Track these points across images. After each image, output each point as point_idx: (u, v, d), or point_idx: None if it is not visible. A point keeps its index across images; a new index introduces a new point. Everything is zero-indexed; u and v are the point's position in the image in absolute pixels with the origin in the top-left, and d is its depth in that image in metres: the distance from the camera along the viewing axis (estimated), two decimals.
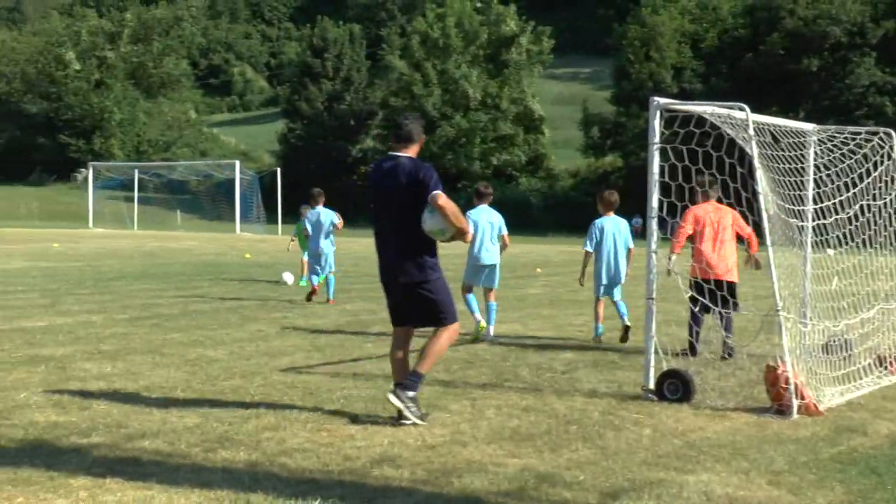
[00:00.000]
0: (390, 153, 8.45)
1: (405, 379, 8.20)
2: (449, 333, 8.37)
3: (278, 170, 61.86)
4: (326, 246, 18.19)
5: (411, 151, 8.33)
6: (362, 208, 69.03)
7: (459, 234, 8.20)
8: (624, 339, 12.80)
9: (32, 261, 28.66)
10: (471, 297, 13.42)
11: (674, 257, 11.52)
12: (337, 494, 6.13)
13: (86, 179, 69.38)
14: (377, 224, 8.43)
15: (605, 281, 13.10)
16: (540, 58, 76.79)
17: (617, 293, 13.23)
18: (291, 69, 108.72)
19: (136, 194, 61.92)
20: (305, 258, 20.06)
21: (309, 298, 18.01)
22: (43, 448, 7.25)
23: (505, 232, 13.58)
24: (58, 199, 76.85)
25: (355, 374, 10.57)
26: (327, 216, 18.31)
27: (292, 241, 23.89)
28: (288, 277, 22.00)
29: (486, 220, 13.38)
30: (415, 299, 8.26)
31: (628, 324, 12.86)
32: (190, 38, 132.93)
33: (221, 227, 60.20)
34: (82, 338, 13.01)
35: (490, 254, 13.40)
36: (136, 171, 64.33)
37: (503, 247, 13.68)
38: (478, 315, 13.27)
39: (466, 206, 13.53)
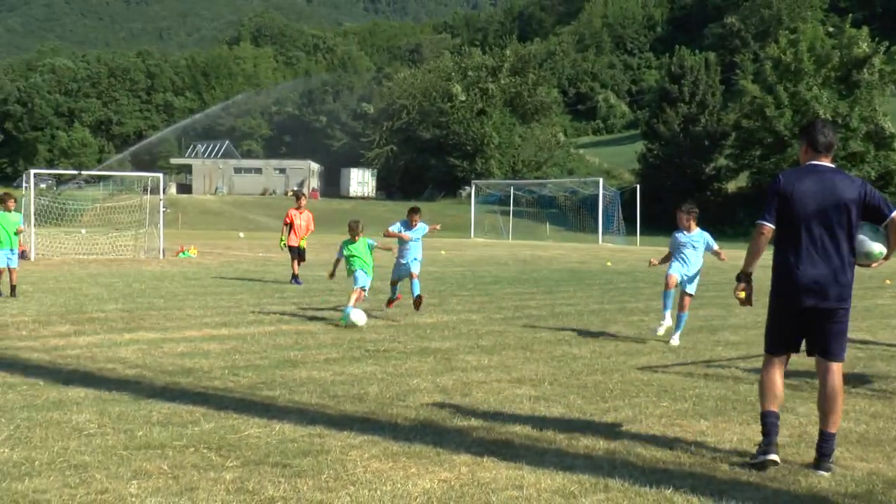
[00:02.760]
0: (811, 163, 6.79)
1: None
2: (841, 372, 6.73)
3: (637, 186, 61.66)
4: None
5: (828, 161, 6.79)
6: (714, 221, 67.97)
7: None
8: None
9: (424, 266, 30.03)
10: None
11: None
12: (688, 485, 6.01)
13: (469, 195, 72.06)
14: (794, 236, 6.59)
15: None
16: (893, 77, 72.19)
17: None
18: (651, 95, 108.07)
19: (511, 208, 63.58)
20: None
21: None
22: (430, 427, 7.56)
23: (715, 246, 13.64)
24: (445, 212, 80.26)
25: (706, 374, 10.33)
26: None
27: None
28: None
29: None
30: (829, 324, 6.62)
31: None
32: (561, 70, 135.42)
33: (585, 238, 60.65)
34: (464, 333, 13.47)
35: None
36: (512, 188, 66.13)
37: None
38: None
39: None
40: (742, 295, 6.79)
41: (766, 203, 6.71)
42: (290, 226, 22.06)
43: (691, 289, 13.34)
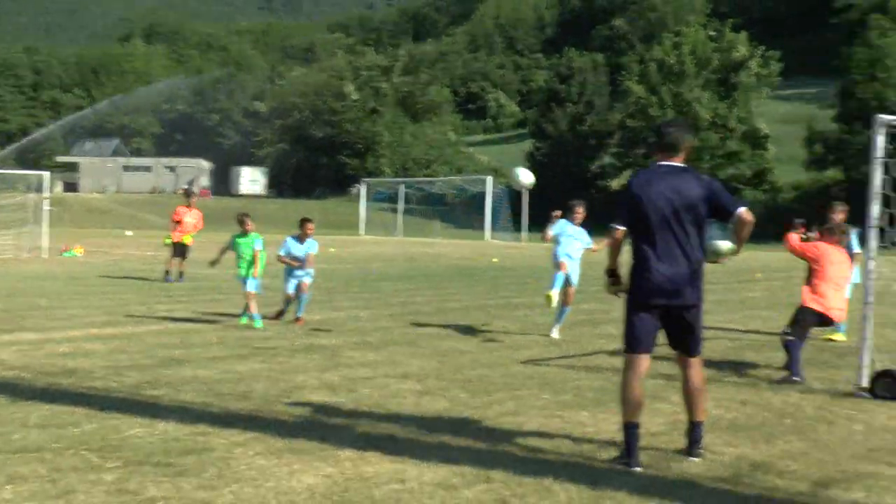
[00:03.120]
0: (658, 163, 6.81)
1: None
2: (701, 365, 6.92)
3: None
4: None
5: (678, 160, 6.76)
6: (599, 218, 68.84)
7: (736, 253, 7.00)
8: None
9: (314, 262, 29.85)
10: None
11: None
12: (567, 474, 6.09)
13: (359, 193, 71.85)
14: (647, 237, 6.61)
15: None
16: (768, 80, 74.61)
17: None
18: (539, 95, 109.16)
19: (400, 206, 63.69)
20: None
21: None
22: (315, 423, 7.52)
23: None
24: (336, 210, 79.94)
25: (587, 367, 10.51)
26: None
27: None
28: None
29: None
30: (684, 322, 6.71)
31: None
32: (453, 70, 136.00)
33: (473, 235, 61.03)
34: (351, 330, 13.44)
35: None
36: (402, 186, 66.17)
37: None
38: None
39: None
40: (612, 288, 6.95)
41: (618, 207, 6.79)
42: (179, 223, 21.72)
43: (575, 280, 13.35)
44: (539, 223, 55.50)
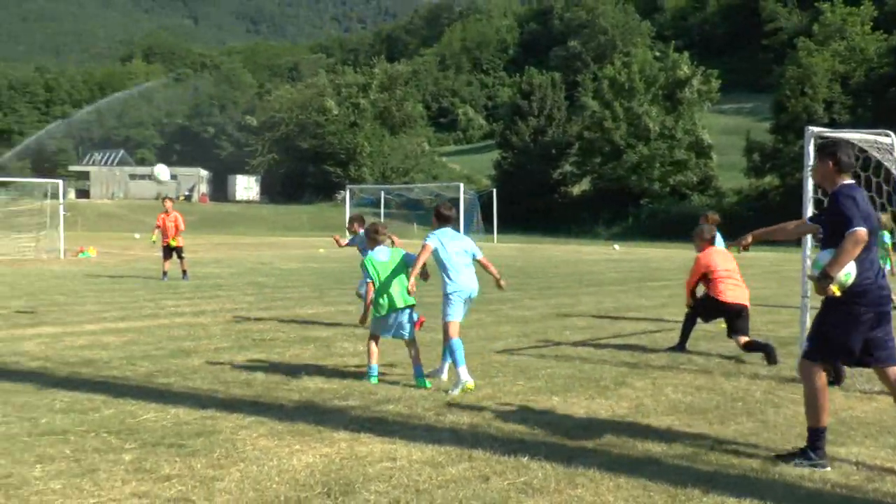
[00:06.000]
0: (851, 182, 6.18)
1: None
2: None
3: (494, 190, 62.38)
4: None
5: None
6: (561, 221, 69.17)
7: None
8: None
9: (304, 262, 29.80)
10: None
11: None
12: (542, 453, 6.12)
13: (344, 199, 71.61)
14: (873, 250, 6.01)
15: None
16: (709, 96, 74.84)
17: None
18: (504, 109, 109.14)
19: (382, 210, 63.40)
20: None
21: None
22: (312, 408, 7.52)
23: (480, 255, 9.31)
24: (323, 214, 79.69)
25: (557, 356, 10.53)
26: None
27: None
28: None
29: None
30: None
31: None
32: (425, 87, 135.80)
33: None
34: (342, 323, 13.41)
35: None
36: (383, 192, 65.92)
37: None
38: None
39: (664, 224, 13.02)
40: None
41: (852, 209, 5.89)
42: (160, 227, 21.79)
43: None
44: (508, 225, 55.00)
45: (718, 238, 11.83)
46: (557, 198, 76.58)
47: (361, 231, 11.73)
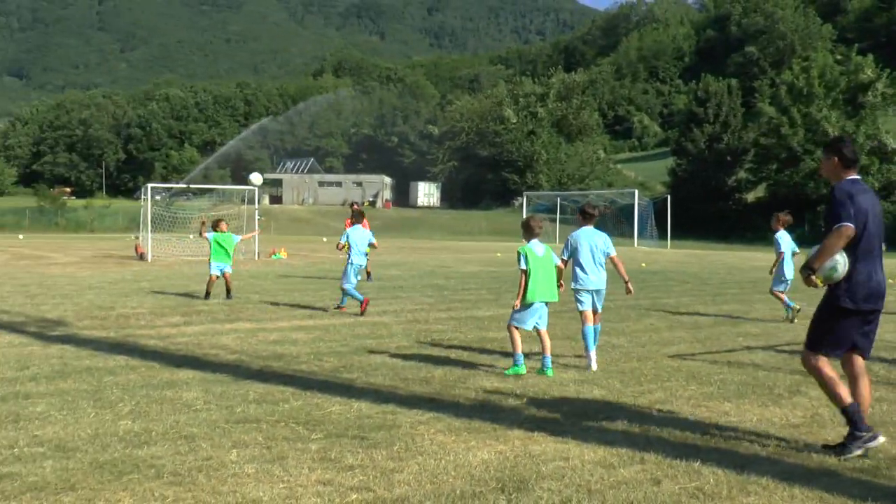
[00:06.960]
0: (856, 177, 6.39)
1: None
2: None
3: (668, 196, 61.01)
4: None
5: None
6: (735, 227, 66.91)
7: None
8: None
9: (482, 266, 30.05)
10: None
11: None
12: (714, 459, 5.93)
13: (521, 205, 71.81)
14: (870, 247, 6.16)
15: None
16: (895, 99, 70.64)
17: None
18: (679, 116, 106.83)
19: (557, 216, 63.19)
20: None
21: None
22: (488, 406, 7.55)
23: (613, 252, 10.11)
24: (500, 219, 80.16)
25: (729, 362, 10.18)
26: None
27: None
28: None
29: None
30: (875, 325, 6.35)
31: None
32: (601, 96, 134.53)
33: (623, 242, 60.01)
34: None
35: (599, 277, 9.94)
36: (559, 198, 65.71)
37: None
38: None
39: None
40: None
41: (843, 207, 6.10)
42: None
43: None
44: (682, 232, 53.64)
45: (788, 238, 11.82)
46: (731, 204, 74.30)
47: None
